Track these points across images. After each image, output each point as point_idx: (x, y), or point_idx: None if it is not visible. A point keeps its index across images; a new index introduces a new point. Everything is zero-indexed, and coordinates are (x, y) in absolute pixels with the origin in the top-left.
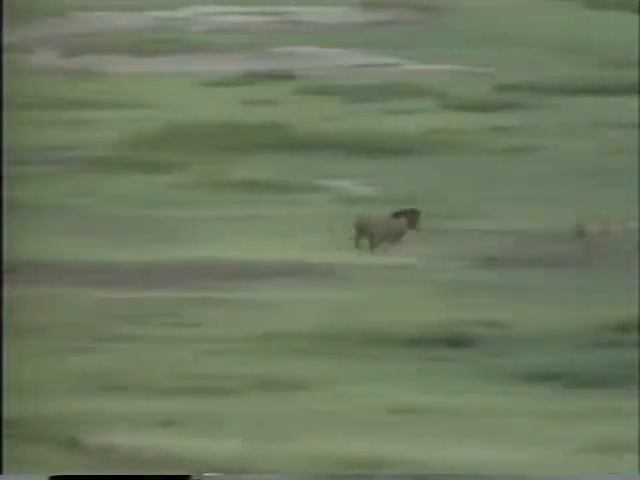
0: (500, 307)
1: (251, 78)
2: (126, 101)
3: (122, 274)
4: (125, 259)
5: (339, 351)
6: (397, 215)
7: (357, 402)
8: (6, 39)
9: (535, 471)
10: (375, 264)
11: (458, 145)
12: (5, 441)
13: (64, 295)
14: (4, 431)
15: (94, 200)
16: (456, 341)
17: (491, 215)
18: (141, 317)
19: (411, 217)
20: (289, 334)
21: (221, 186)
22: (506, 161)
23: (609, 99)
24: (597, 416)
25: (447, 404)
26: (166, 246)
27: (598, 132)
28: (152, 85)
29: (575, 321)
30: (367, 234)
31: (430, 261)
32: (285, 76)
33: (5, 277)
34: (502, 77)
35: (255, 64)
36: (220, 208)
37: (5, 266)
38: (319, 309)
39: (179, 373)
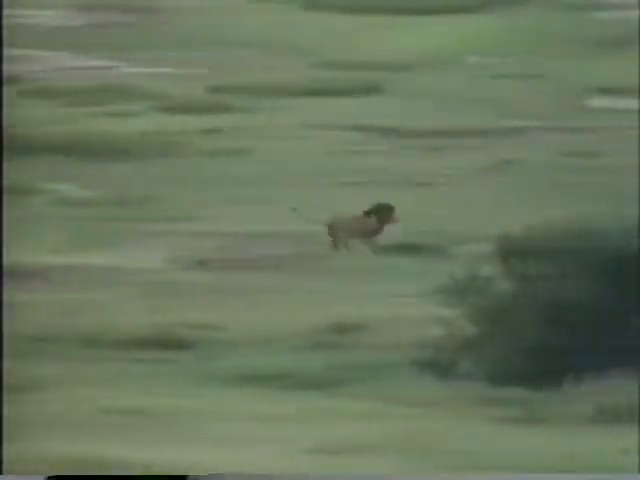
0: (215, 309)
1: None
2: None
3: None
4: None
5: (58, 353)
6: (369, 213)
7: (77, 404)
8: None
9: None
10: (88, 265)
11: (172, 147)
12: None
13: None
14: None
15: None
16: (170, 343)
17: (205, 217)
18: None
19: (383, 213)
20: (11, 336)
21: None
22: (220, 163)
23: (324, 101)
24: (316, 418)
25: (163, 406)
26: None
27: (312, 134)
28: None
29: (291, 323)
30: (333, 234)
31: (142, 263)
32: (5, 79)
33: None
34: (215, 79)
35: None
36: None
37: None
38: (38, 311)
39: None
